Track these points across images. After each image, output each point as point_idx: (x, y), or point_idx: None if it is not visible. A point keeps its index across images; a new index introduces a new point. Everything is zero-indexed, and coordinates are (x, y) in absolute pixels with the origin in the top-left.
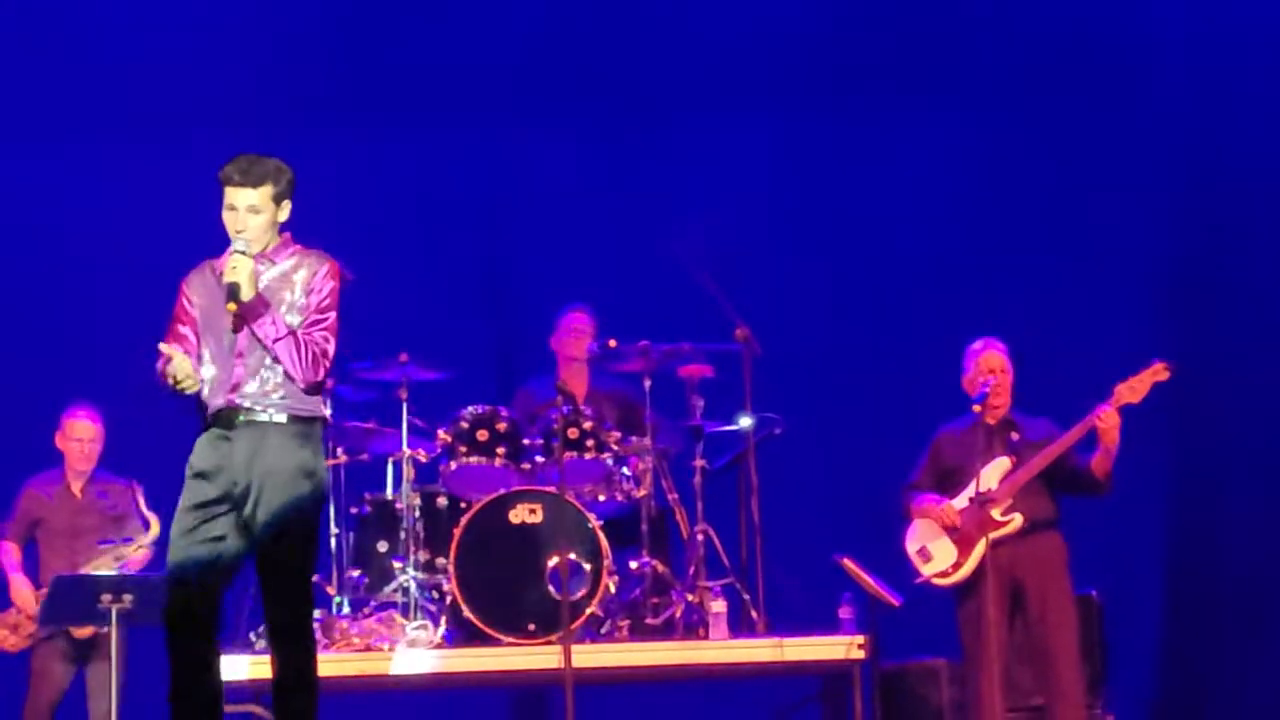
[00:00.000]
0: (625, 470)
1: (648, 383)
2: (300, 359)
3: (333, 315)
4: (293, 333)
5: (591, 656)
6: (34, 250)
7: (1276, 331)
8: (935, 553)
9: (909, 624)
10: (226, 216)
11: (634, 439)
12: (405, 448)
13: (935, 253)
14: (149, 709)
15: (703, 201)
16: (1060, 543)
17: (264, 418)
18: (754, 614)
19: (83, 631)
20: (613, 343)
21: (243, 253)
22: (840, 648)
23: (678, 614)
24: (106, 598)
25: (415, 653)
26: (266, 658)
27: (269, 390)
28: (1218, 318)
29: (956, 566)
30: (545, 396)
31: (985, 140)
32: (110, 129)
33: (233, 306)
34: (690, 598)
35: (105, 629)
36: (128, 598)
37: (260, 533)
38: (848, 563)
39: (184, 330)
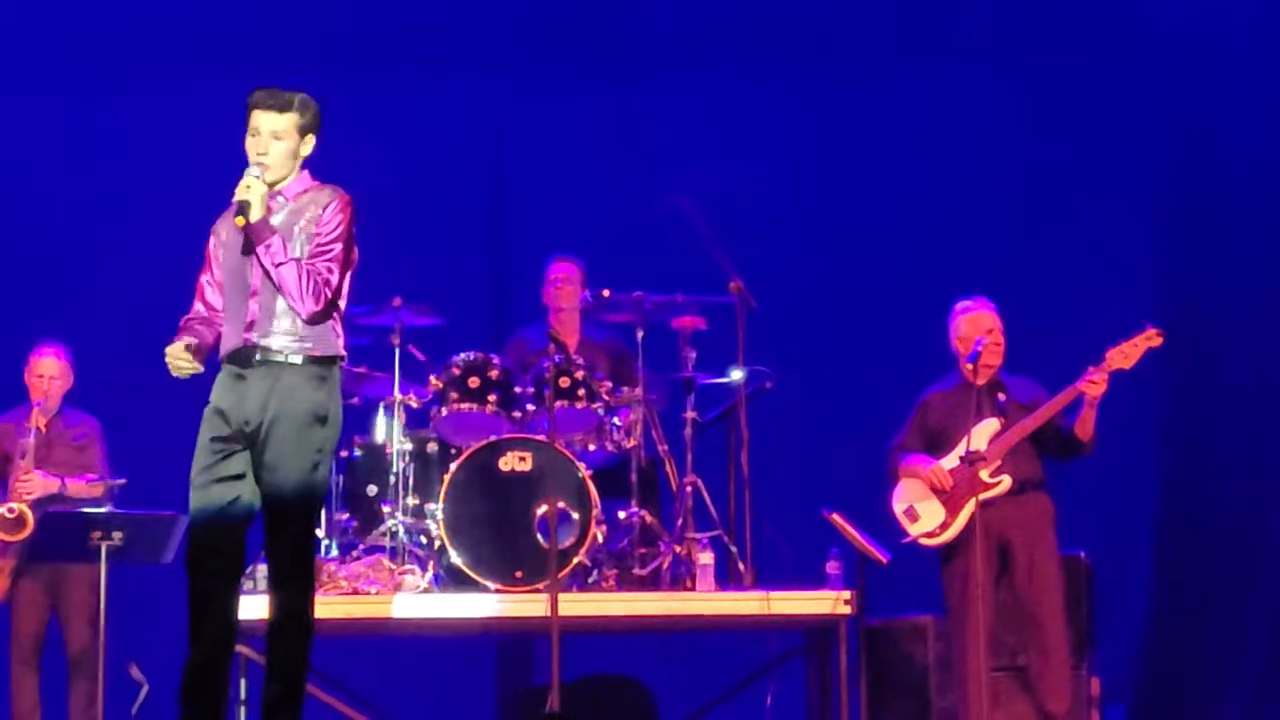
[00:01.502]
0: (616, 420)
1: (640, 334)
2: (301, 287)
3: (339, 247)
4: (296, 260)
5: (578, 605)
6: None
7: (1266, 293)
8: (922, 513)
9: (896, 580)
10: (249, 142)
11: (625, 389)
12: (397, 393)
13: (929, 210)
14: (134, 645)
15: (699, 154)
16: (1048, 503)
17: (279, 358)
18: (741, 567)
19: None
20: (606, 293)
21: (257, 176)
22: (826, 602)
23: (665, 565)
24: (96, 534)
25: (402, 597)
26: (255, 599)
27: (285, 329)
28: (1208, 279)
29: (944, 527)
30: (538, 345)
31: (980, 97)
32: (108, 73)
33: (241, 221)
34: (678, 549)
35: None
36: (117, 534)
37: (267, 474)
38: (836, 518)
39: (205, 280)
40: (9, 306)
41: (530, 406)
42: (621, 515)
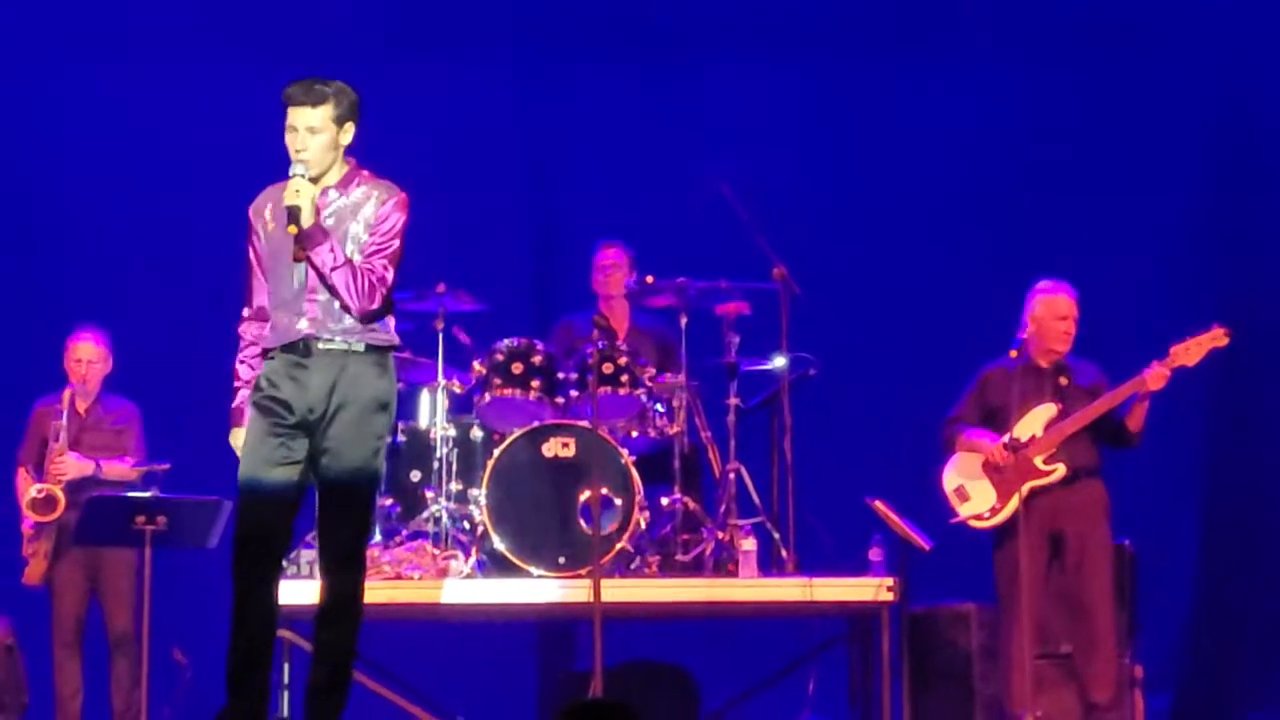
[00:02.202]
0: (659, 406)
1: (684, 319)
2: (355, 287)
3: (395, 244)
4: (349, 262)
5: (621, 591)
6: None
7: None
8: (973, 493)
9: (939, 567)
10: (288, 137)
11: (668, 375)
12: (440, 378)
13: (973, 195)
14: (179, 629)
15: (742, 139)
16: (1102, 492)
17: (342, 346)
18: (784, 553)
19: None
20: (650, 279)
21: (302, 175)
22: (869, 589)
23: (708, 551)
24: (140, 519)
25: (448, 582)
26: (298, 584)
27: (348, 320)
28: (1259, 267)
29: (994, 511)
30: (585, 330)
31: (1026, 81)
32: (150, 53)
33: (294, 229)
34: (720, 535)
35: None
36: (162, 519)
37: (329, 460)
38: (879, 505)
39: (255, 275)
40: (49, 292)
41: (574, 392)
42: (664, 501)
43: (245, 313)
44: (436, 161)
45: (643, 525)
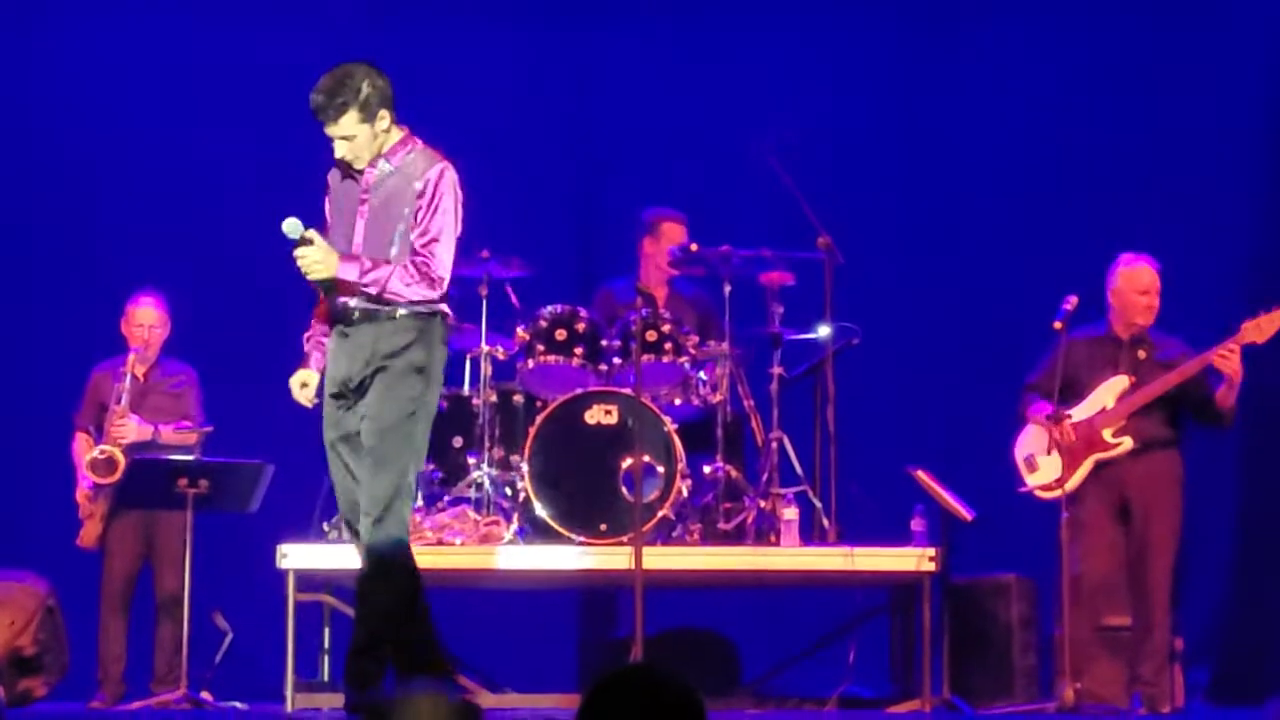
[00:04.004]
0: (702, 375)
1: (727, 288)
2: (410, 285)
3: (441, 222)
4: (391, 272)
5: (662, 559)
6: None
7: None
8: (1041, 464)
9: (981, 538)
10: (334, 150)
11: (711, 344)
12: (484, 344)
13: (1020, 165)
14: (219, 594)
15: (788, 105)
16: (1175, 464)
17: (381, 313)
18: (825, 523)
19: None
20: (694, 246)
21: (302, 236)
22: (911, 560)
23: (749, 520)
24: (183, 482)
25: (487, 548)
26: (339, 548)
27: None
28: None
29: (1060, 482)
30: (627, 298)
31: (1079, 36)
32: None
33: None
34: (762, 504)
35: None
36: (204, 483)
37: (367, 423)
38: (921, 475)
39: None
40: (105, 257)
41: (617, 360)
42: (706, 470)
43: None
44: (480, 125)
45: (684, 493)
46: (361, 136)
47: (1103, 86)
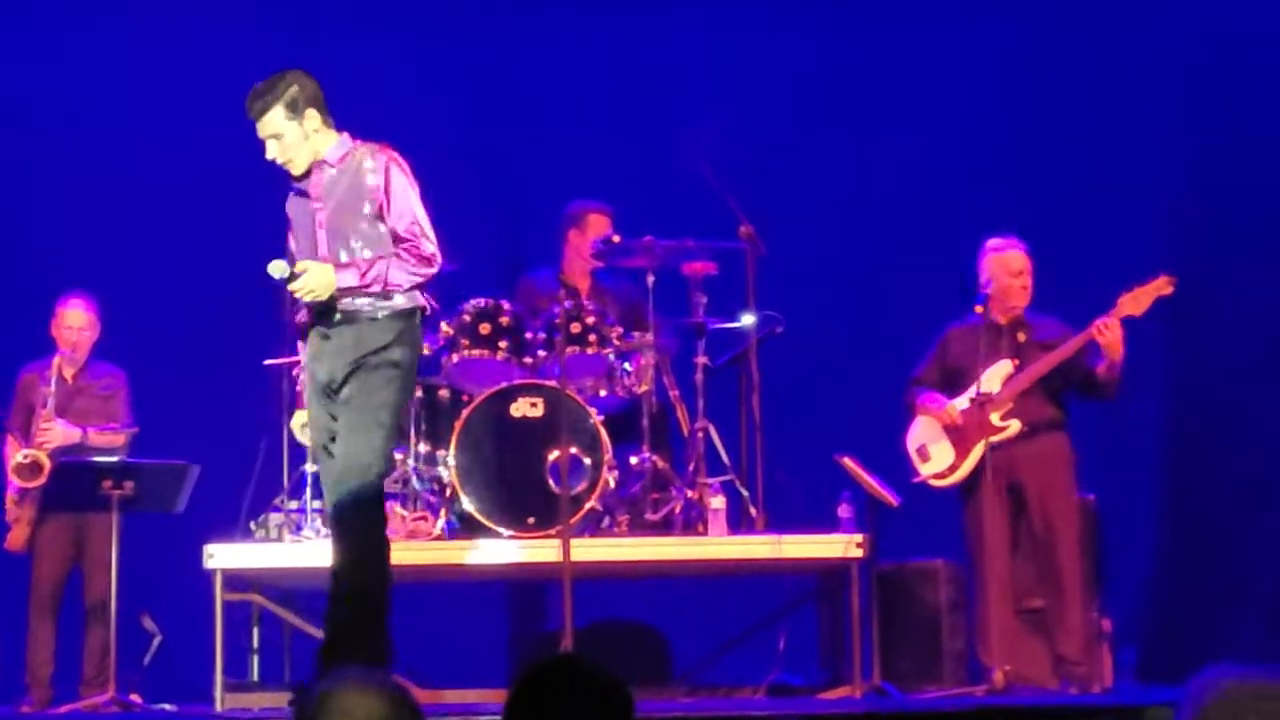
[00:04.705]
0: (627, 366)
1: (651, 279)
2: (410, 274)
3: (409, 203)
4: (388, 265)
5: (590, 551)
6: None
7: None
8: (934, 453)
9: (908, 524)
10: (267, 153)
11: (636, 335)
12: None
13: (939, 152)
14: (147, 595)
15: (709, 97)
16: (1064, 444)
17: (362, 315)
18: (753, 511)
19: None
20: (616, 238)
21: (294, 275)
22: (838, 546)
23: (677, 510)
24: (108, 483)
25: (414, 544)
26: (266, 547)
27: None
28: (1226, 223)
29: (953, 469)
30: (548, 288)
31: (995, 37)
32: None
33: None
34: (690, 494)
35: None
36: (129, 484)
37: (338, 423)
38: (847, 461)
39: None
40: (34, 257)
41: (541, 352)
42: (633, 460)
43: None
44: (403, 119)
45: (611, 484)
46: (290, 135)
47: (1019, 82)
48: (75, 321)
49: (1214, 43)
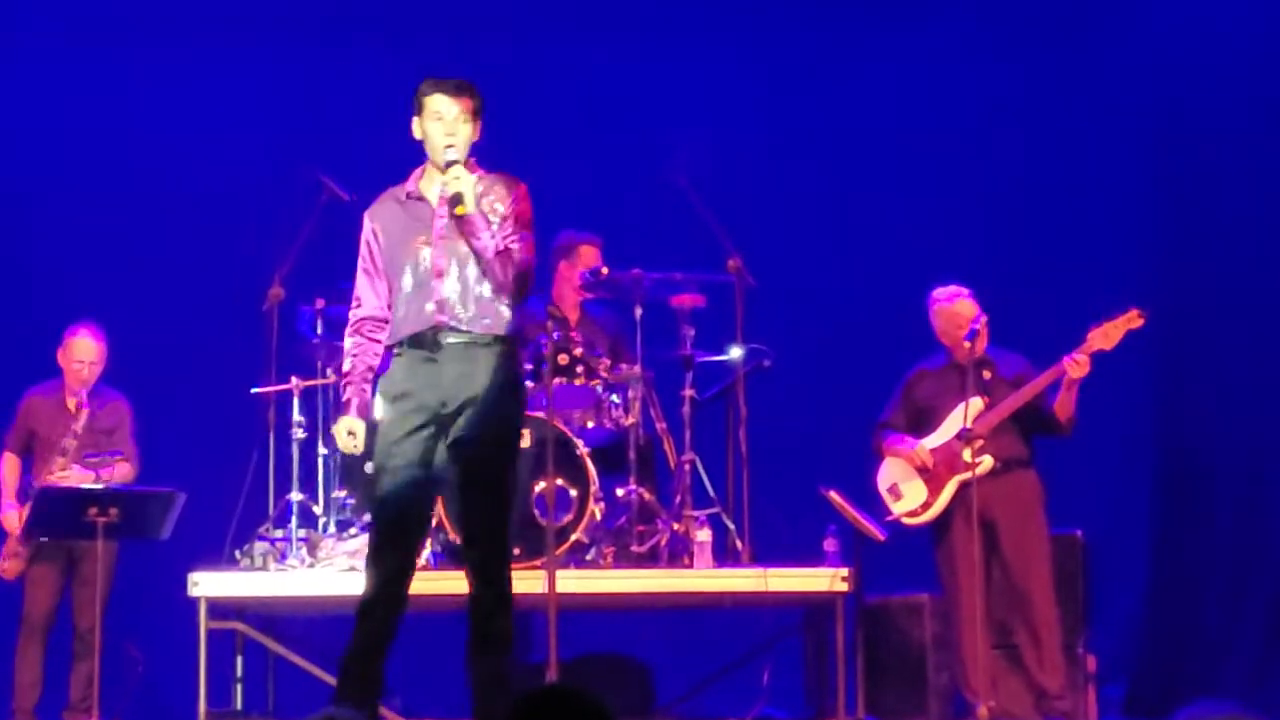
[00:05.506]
0: (614, 398)
1: (639, 311)
2: (509, 272)
3: (528, 233)
4: (507, 248)
5: (576, 582)
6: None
7: (1263, 271)
8: (905, 491)
9: (893, 558)
10: (433, 126)
11: (624, 367)
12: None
13: (927, 189)
14: (131, 622)
15: (698, 130)
16: (1034, 481)
17: (471, 338)
18: (739, 544)
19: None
20: (604, 270)
21: (458, 163)
22: (824, 580)
23: (663, 542)
24: (93, 510)
25: None
26: (251, 576)
27: (475, 310)
28: (1204, 253)
29: (926, 506)
30: (537, 319)
31: (976, 78)
32: (142, 40)
33: (462, 209)
34: (676, 526)
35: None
36: (114, 511)
37: (467, 450)
38: (833, 495)
39: (365, 277)
40: (26, 280)
41: (529, 383)
42: (619, 493)
43: (357, 314)
44: (390, 148)
45: (598, 516)
46: (469, 128)
47: (998, 122)
48: (85, 355)
49: (1182, 75)
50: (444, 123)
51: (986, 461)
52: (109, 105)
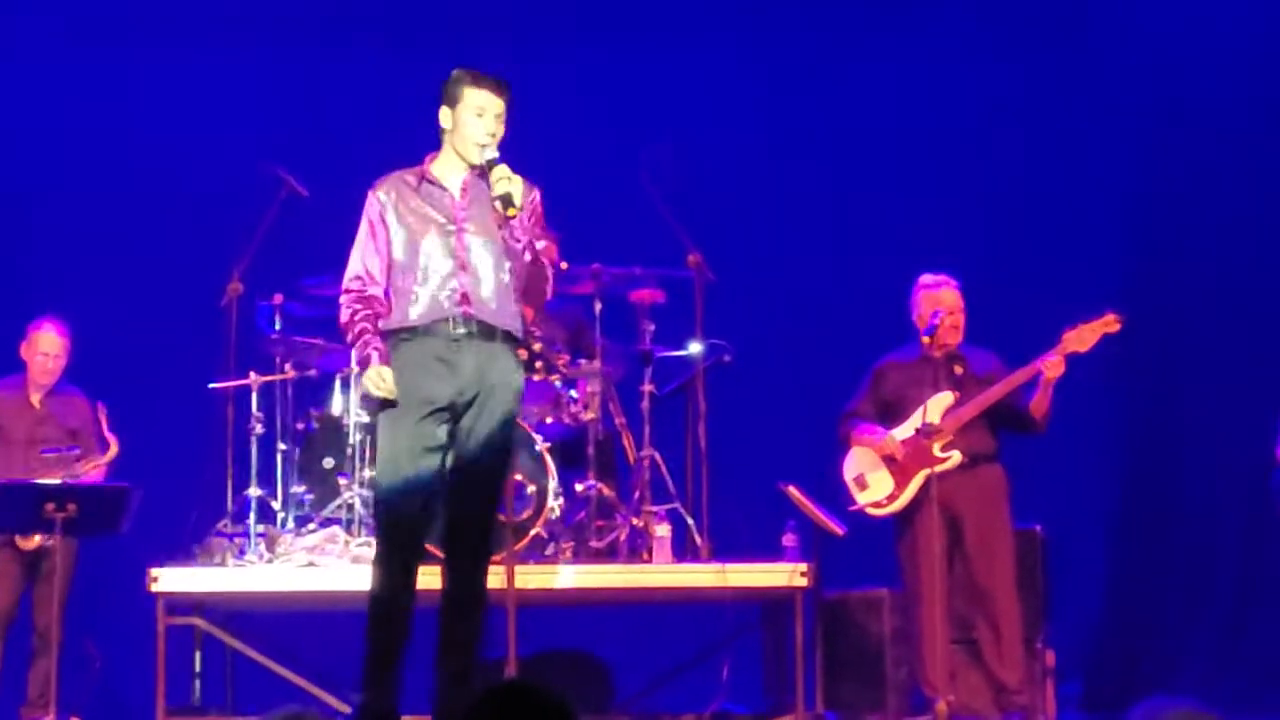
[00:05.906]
0: (573, 393)
1: (598, 306)
2: (546, 272)
3: (551, 236)
4: (540, 249)
5: (535, 578)
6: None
7: (1230, 274)
8: (871, 482)
9: (852, 553)
10: (471, 119)
11: (583, 362)
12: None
13: (890, 185)
14: (89, 619)
15: (659, 126)
16: (1000, 476)
17: (491, 333)
18: (698, 539)
19: (27, 543)
20: (564, 265)
21: (498, 161)
22: (783, 575)
23: (622, 537)
24: (50, 506)
25: (359, 569)
26: (209, 572)
27: (499, 305)
28: (1179, 258)
29: (892, 498)
30: None
31: (948, 76)
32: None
33: (513, 212)
34: (635, 522)
35: (51, 542)
36: (72, 507)
37: (472, 443)
38: (793, 491)
39: (364, 250)
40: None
41: None
42: (579, 488)
43: (359, 282)
44: (352, 144)
45: (557, 512)
46: (503, 129)
47: (967, 118)
48: (50, 348)
49: (1180, 75)
50: (484, 119)
51: (955, 456)
52: (89, 106)
